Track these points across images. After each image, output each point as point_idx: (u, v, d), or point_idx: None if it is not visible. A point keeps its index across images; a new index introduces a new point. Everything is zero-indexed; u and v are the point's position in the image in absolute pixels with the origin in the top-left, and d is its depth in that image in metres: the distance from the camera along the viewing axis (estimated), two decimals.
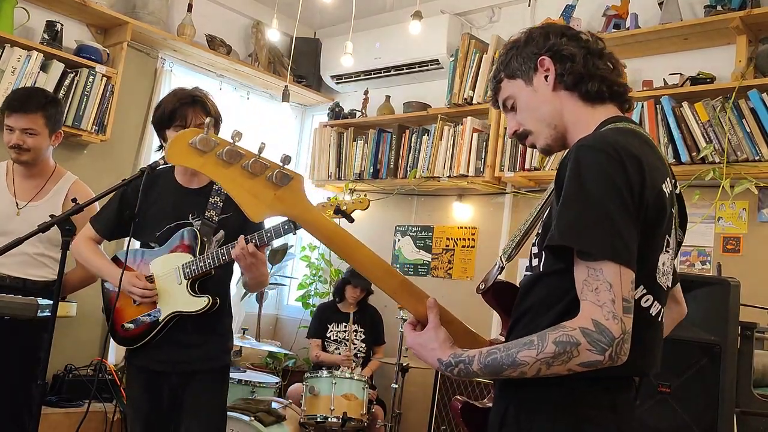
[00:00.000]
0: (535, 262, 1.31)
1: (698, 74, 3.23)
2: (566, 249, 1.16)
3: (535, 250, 1.32)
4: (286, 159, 1.26)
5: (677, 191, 1.36)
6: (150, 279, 2.27)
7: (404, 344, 3.46)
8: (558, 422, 1.21)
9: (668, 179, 1.27)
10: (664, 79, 3.38)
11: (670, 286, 1.31)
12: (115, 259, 2.37)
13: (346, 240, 1.32)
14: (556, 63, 1.34)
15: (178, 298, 2.23)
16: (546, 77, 1.35)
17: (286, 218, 1.70)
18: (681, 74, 3.30)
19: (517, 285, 1.40)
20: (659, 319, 1.28)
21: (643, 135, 1.29)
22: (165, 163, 2.19)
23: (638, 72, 3.56)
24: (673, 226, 1.31)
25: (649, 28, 3.38)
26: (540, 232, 1.33)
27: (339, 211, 2.14)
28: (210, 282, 2.27)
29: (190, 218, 2.30)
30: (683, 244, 1.55)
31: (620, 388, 1.25)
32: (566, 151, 1.28)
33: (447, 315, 1.36)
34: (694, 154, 3.07)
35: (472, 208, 4.25)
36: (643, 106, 3.26)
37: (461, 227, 4.28)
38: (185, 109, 2.27)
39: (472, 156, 3.93)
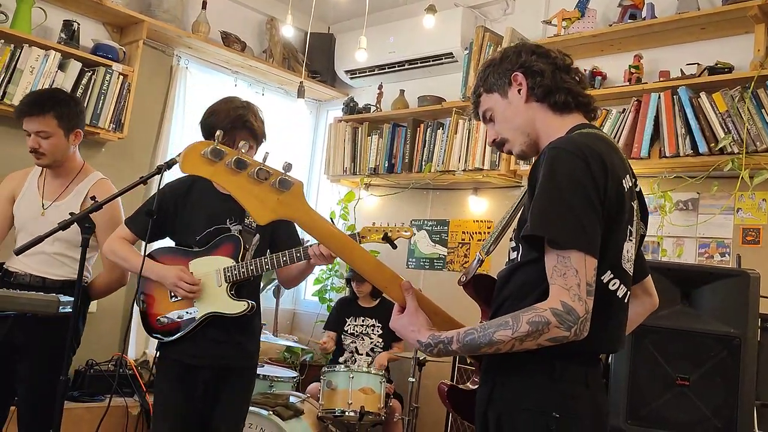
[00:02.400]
0: (513, 255, 1.48)
1: (716, 64, 3.19)
2: (539, 239, 1.31)
3: (513, 244, 1.49)
4: (288, 166, 1.38)
5: (637, 188, 1.51)
6: None
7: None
8: (541, 398, 1.35)
9: (628, 176, 1.43)
10: (681, 69, 3.35)
11: (631, 273, 1.46)
12: (152, 258, 2.41)
13: (340, 240, 1.47)
14: (527, 77, 1.52)
15: (217, 300, 2.31)
16: (519, 90, 1.53)
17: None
18: (698, 64, 3.27)
19: (495, 277, 1.56)
20: (625, 301, 1.44)
21: (605, 138, 1.46)
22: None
23: (655, 62, 3.52)
24: (635, 219, 1.46)
25: (665, 18, 3.34)
26: (516, 227, 1.50)
27: (386, 238, 2.33)
28: (246, 286, 2.37)
29: (228, 223, 2.37)
30: (703, 236, 1.68)
31: (591, 363, 1.41)
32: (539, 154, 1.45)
33: (431, 306, 1.51)
34: (712, 144, 3.04)
35: (488, 202, 4.24)
36: (659, 97, 3.23)
37: (477, 221, 4.27)
38: (233, 133, 2.29)
39: (487, 149, 3.91)
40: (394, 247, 2.34)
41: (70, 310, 2.13)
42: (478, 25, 4.16)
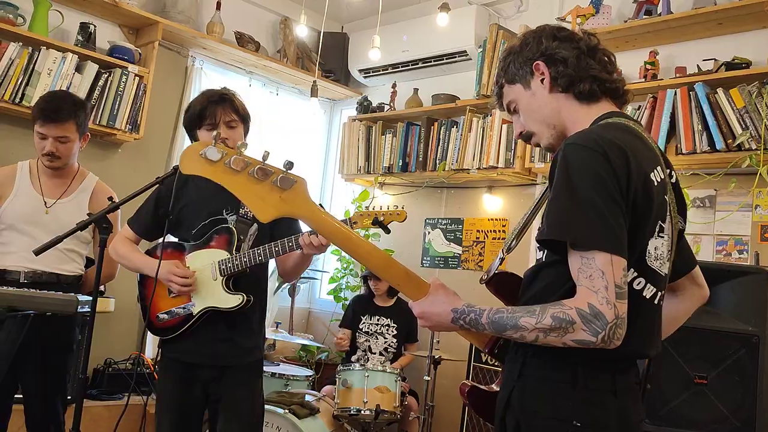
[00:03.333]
0: (539, 255, 1.40)
1: (733, 59, 3.16)
2: (558, 242, 1.24)
3: (538, 243, 1.39)
4: (289, 165, 1.37)
5: (673, 180, 1.43)
6: None
7: (435, 337, 3.47)
8: (561, 406, 1.28)
9: (659, 167, 1.34)
10: (697, 65, 3.32)
11: (665, 272, 1.36)
12: (150, 254, 2.41)
13: (348, 237, 1.42)
14: (549, 66, 1.42)
15: (213, 294, 2.26)
16: (542, 80, 1.43)
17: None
18: (715, 60, 3.23)
19: (519, 275, 1.49)
20: (655, 302, 1.34)
21: (632, 128, 1.36)
22: None
23: (671, 58, 3.50)
24: (669, 213, 1.36)
25: (681, 14, 3.31)
26: (541, 225, 1.40)
27: (377, 222, 2.20)
28: (245, 279, 2.29)
29: (224, 214, 2.33)
30: (721, 233, 1.61)
31: (620, 370, 1.31)
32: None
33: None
34: (729, 141, 3.01)
35: (503, 200, 4.23)
36: (676, 94, 3.20)
37: (491, 219, 4.26)
38: (214, 108, 2.31)
39: (501, 147, 3.90)
40: (387, 231, 2.23)
41: (88, 309, 2.15)
42: (491, 23, 4.15)
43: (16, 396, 2.56)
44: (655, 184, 1.30)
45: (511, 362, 1.40)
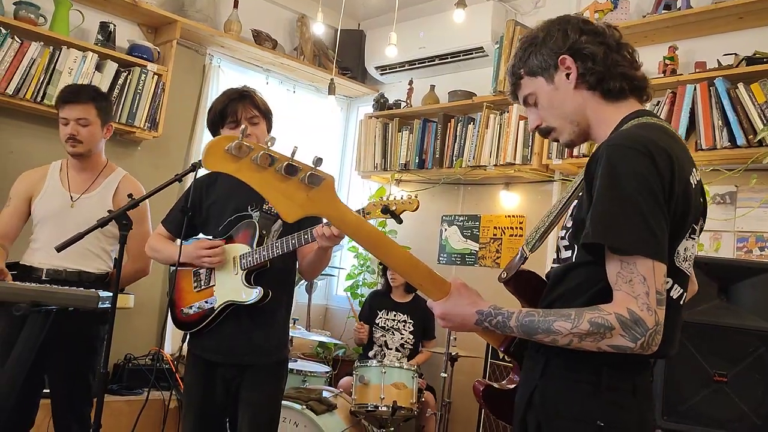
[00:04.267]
0: (567, 254, 1.36)
1: (754, 54, 3.12)
2: (599, 245, 1.21)
3: (566, 242, 1.37)
4: (318, 161, 1.30)
5: (699, 180, 1.39)
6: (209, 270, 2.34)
7: (452, 334, 3.46)
8: (585, 406, 1.26)
9: (694, 170, 1.32)
10: (717, 59, 3.28)
11: (690, 272, 1.35)
12: None
13: (373, 235, 1.38)
14: (577, 62, 1.37)
15: (234, 289, 2.28)
16: (567, 75, 1.38)
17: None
18: (736, 54, 3.19)
19: (539, 275, 1.47)
20: (680, 303, 1.34)
21: (667, 128, 1.32)
22: None
23: (690, 53, 3.46)
24: (701, 215, 1.36)
25: (701, 8, 3.27)
26: (570, 225, 1.37)
27: (387, 211, 2.14)
28: (266, 274, 2.30)
29: (249, 210, 2.36)
30: (742, 230, 1.57)
31: (640, 370, 1.31)
32: (596, 145, 1.33)
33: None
34: (750, 136, 2.97)
35: (520, 197, 4.21)
36: (695, 89, 3.17)
37: (509, 216, 4.25)
38: (235, 105, 2.33)
39: (518, 144, 3.89)
40: (399, 221, 2.17)
41: (109, 305, 2.18)
42: (508, 19, 4.13)
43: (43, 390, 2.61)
44: (693, 186, 1.29)
45: (533, 361, 1.37)
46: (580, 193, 1.35)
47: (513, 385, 1.50)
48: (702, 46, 3.45)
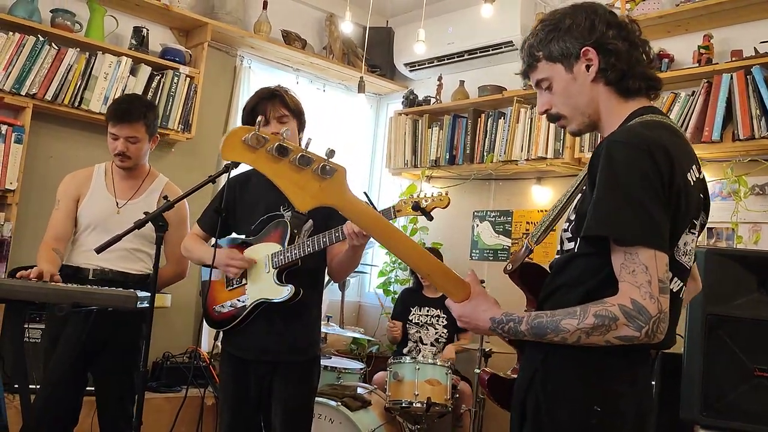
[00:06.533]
0: (570, 245, 1.39)
1: None
2: (601, 237, 1.25)
3: (569, 234, 1.40)
4: (331, 153, 1.33)
5: (701, 176, 1.40)
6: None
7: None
8: (585, 391, 1.30)
9: (695, 166, 1.34)
10: (754, 47, 3.20)
11: (690, 266, 1.38)
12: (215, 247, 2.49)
13: (385, 228, 1.41)
14: (599, 55, 1.37)
15: (265, 286, 2.32)
16: (588, 67, 1.38)
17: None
18: None
19: (544, 267, 1.50)
20: (680, 296, 1.37)
21: (671, 126, 1.35)
22: None
23: (726, 42, 3.38)
24: (702, 210, 1.38)
25: None
26: (573, 218, 1.40)
27: (418, 208, 2.14)
28: (298, 272, 2.32)
29: (281, 210, 2.40)
30: None
31: (642, 361, 1.34)
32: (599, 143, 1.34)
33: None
34: None
35: (552, 191, 4.17)
36: (732, 78, 3.10)
37: (541, 211, 4.21)
38: (264, 104, 2.38)
39: (550, 138, 3.85)
40: (430, 218, 2.18)
41: (147, 305, 2.23)
42: (537, 12, 4.10)
43: (87, 388, 2.68)
44: (692, 182, 1.31)
45: (535, 348, 1.39)
46: (584, 187, 1.39)
47: (517, 375, 1.52)
48: (738, 34, 3.37)
